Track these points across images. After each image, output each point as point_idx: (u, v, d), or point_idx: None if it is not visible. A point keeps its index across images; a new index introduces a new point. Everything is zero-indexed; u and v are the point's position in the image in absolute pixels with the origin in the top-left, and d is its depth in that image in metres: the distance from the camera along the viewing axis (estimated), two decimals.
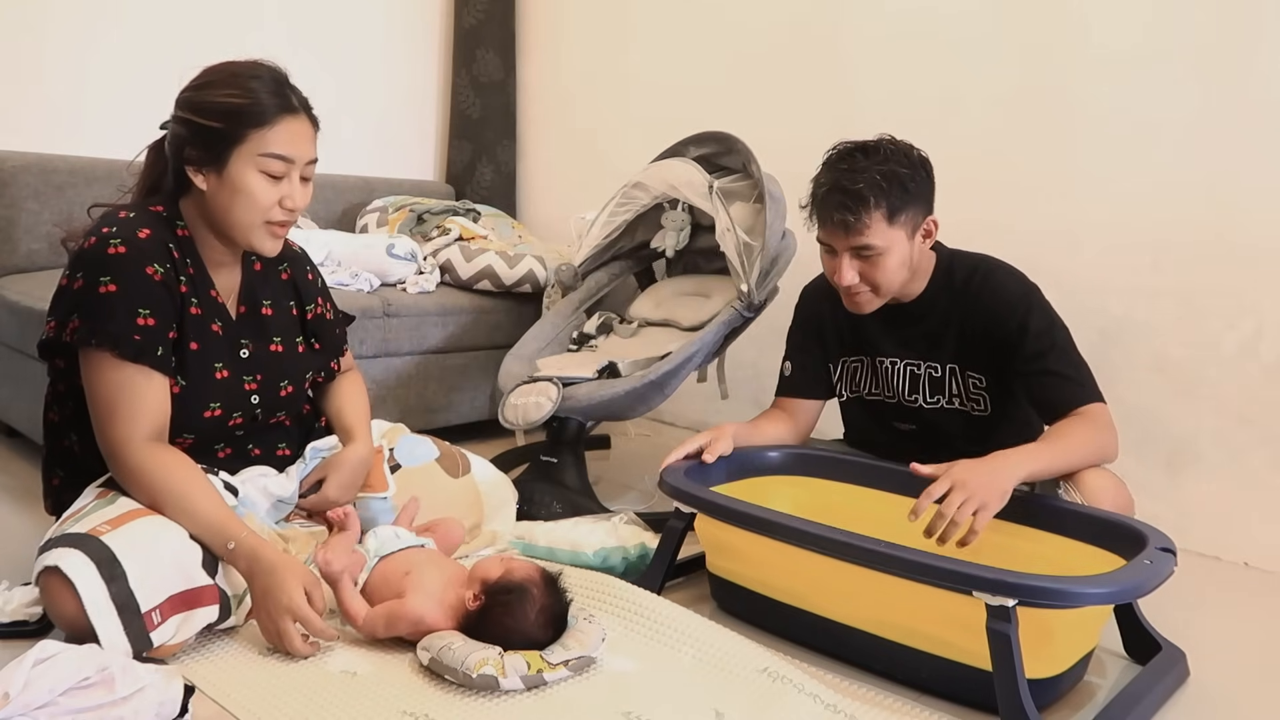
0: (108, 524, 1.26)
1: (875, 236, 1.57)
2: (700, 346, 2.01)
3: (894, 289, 1.65)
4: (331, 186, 3.00)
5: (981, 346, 1.66)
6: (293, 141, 1.36)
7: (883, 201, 1.56)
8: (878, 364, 1.77)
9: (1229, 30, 1.95)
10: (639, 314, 2.43)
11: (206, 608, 1.29)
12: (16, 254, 2.34)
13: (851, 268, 1.61)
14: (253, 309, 1.52)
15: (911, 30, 2.43)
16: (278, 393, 1.54)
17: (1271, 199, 1.92)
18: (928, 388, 1.73)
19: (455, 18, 3.38)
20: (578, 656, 1.28)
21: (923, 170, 1.62)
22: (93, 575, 1.20)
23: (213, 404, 1.43)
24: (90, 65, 2.57)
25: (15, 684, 1.03)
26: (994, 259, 1.72)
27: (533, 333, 2.34)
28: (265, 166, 1.35)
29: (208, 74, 1.38)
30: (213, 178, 1.36)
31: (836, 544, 1.33)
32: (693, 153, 2.29)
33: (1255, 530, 1.98)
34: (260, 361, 1.51)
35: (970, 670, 1.26)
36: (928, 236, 1.66)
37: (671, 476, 1.57)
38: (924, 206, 1.63)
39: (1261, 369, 1.95)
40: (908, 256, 1.63)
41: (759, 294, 2.04)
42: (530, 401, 1.98)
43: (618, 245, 2.45)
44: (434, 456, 1.79)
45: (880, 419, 1.82)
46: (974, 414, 1.71)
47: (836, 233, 1.60)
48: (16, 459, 2.23)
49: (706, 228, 2.37)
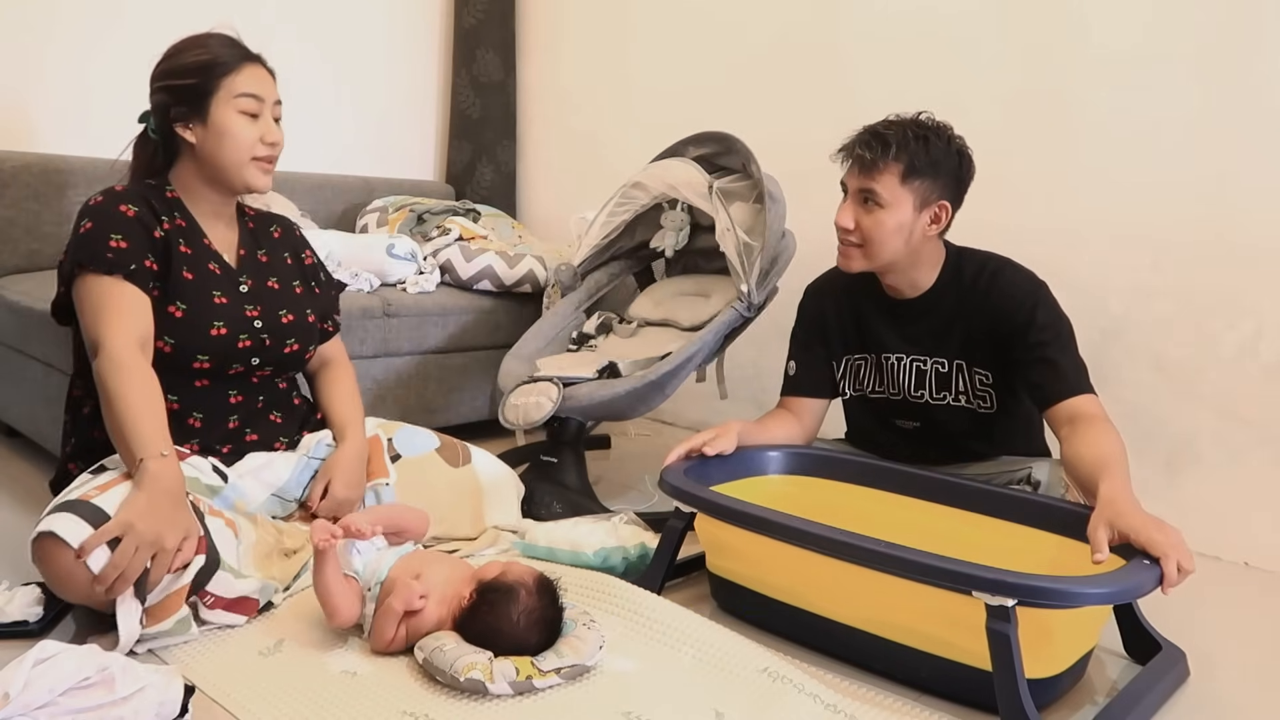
0: (96, 489, 1.31)
1: (884, 186, 1.60)
2: (700, 347, 2.01)
3: (883, 256, 1.65)
4: (331, 186, 3.00)
5: (988, 342, 1.66)
6: (258, 82, 1.55)
7: (903, 157, 1.59)
8: (883, 360, 1.77)
9: (1229, 30, 1.95)
10: (638, 314, 2.43)
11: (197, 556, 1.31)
12: (16, 254, 2.34)
13: (852, 210, 1.65)
14: (251, 254, 1.67)
15: (912, 30, 2.43)
16: (279, 319, 1.63)
17: (1272, 199, 1.92)
18: (934, 383, 1.73)
19: (455, 18, 3.39)
20: (571, 665, 1.26)
21: (956, 156, 1.63)
22: (84, 528, 1.23)
23: (216, 322, 1.54)
24: (92, 66, 2.57)
25: (15, 684, 1.03)
26: (1003, 257, 1.72)
27: (532, 332, 2.34)
28: (241, 106, 1.53)
29: (172, 49, 1.57)
30: (199, 128, 1.53)
31: (836, 544, 1.33)
32: (692, 153, 2.29)
33: (1255, 530, 1.98)
34: (259, 295, 1.63)
35: (970, 670, 1.26)
36: (935, 222, 1.64)
37: (671, 476, 1.57)
38: (942, 188, 1.63)
39: (1261, 369, 1.95)
40: (908, 227, 1.62)
41: (759, 294, 2.04)
42: (531, 401, 1.99)
43: (617, 245, 2.45)
44: (434, 446, 1.80)
45: (882, 417, 1.82)
46: (980, 411, 1.71)
47: (853, 169, 1.65)
48: (16, 459, 2.23)
49: (706, 228, 2.37)
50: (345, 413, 1.73)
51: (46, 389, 2.02)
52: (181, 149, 1.56)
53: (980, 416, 1.72)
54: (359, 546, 1.44)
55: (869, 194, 1.62)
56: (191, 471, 1.47)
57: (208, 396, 1.57)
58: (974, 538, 1.57)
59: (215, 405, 1.58)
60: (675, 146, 2.32)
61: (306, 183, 2.92)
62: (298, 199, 2.82)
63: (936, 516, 1.63)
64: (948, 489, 1.65)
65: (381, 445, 1.76)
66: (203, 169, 1.56)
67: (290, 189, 2.82)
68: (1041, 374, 1.59)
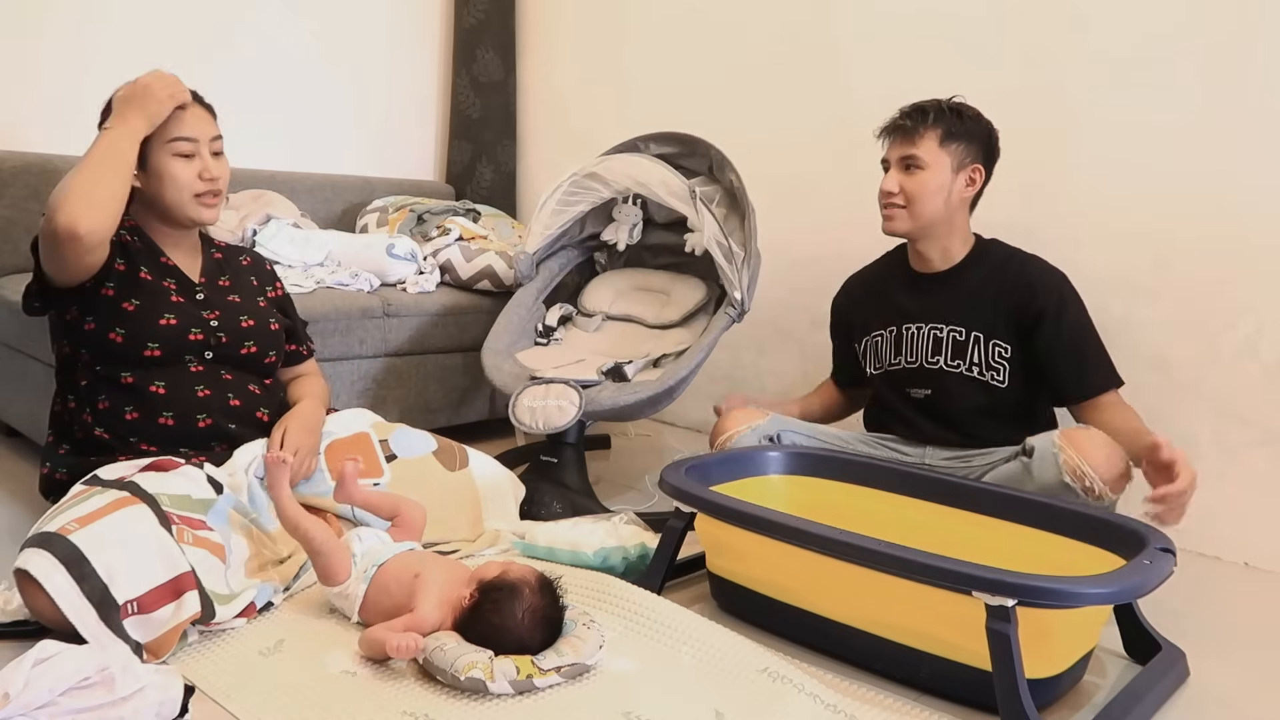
0: (76, 522, 1.28)
1: (924, 150, 1.78)
2: (705, 353, 2.06)
3: (925, 215, 1.80)
4: (331, 186, 3.00)
5: (1012, 318, 1.78)
6: (191, 124, 1.59)
7: (940, 124, 1.79)
8: (903, 331, 1.90)
9: (1229, 30, 1.95)
10: (596, 307, 2.43)
11: (189, 593, 1.30)
12: (16, 254, 2.34)
13: (895, 176, 1.81)
14: (212, 280, 1.71)
15: (911, 30, 2.43)
16: (238, 323, 1.67)
17: (1272, 198, 1.92)
18: (949, 350, 1.84)
19: (455, 18, 3.39)
20: (571, 663, 1.26)
21: (986, 127, 1.83)
22: (62, 578, 1.22)
23: (167, 314, 1.59)
24: (90, 65, 2.57)
25: (15, 684, 1.03)
26: (1031, 253, 1.86)
27: (502, 325, 2.31)
28: (177, 149, 1.58)
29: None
30: (141, 175, 1.58)
31: (836, 544, 1.33)
32: (653, 150, 2.28)
33: (1255, 530, 1.98)
34: (218, 303, 1.68)
35: (970, 670, 1.26)
36: (970, 185, 1.82)
37: (671, 476, 1.58)
38: (975, 152, 1.81)
39: (1261, 369, 1.95)
40: (947, 187, 1.79)
41: (749, 300, 2.08)
42: (551, 405, 1.96)
43: (567, 234, 2.45)
44: (431, 449, 1.80)
45: (897, 386, 1.91)
46: (991, 384, 1.80)
47: (894, 139, 1.83)
48: (16, 459, 2.23)
49: (660, 225, 2.38)
50: (302, 395, 1.78)
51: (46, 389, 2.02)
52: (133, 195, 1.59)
53: (991, 390, 1.80)
54: (360, 534, 1.47)
55: (910, 159, 1.79)
56: (184, 486, 1.46)
57: (171, 392, 1.58)
58: (974, 538, 1.57)
59: (181, 400, 1.58)
60: (633, 141, 2.31)
61: (306, 183, 2.92)
62: (298, 199, 2.82)
63: (936, 516, 1.64)
64: (948, 489, 1.65)
65: (373, 443, 1.76)
66: (152, 208, 1.63)
67: (290, 189, 2.82)
68: (1079, 367, 1.75)
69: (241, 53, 2.86)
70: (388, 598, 1.37)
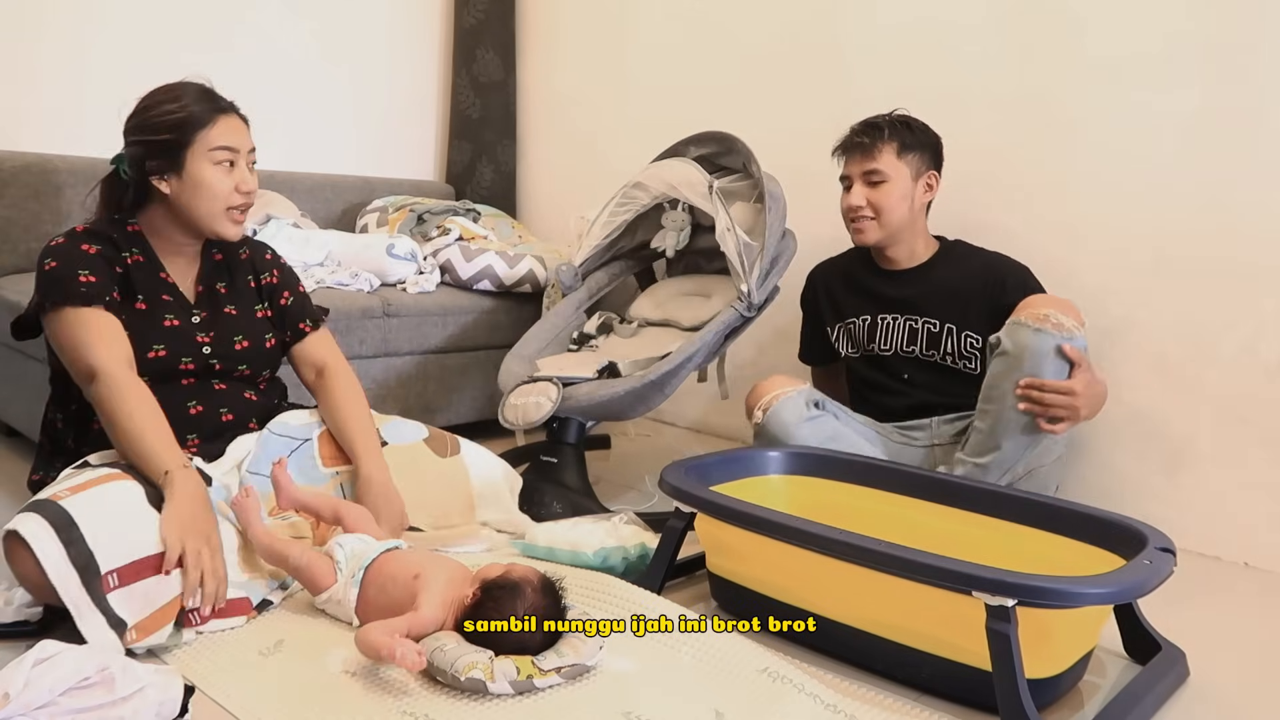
0: (69, 490, 1.30)
1: (884, 163, 1.93)
2: (700, 346, 2.01)
3: (893, 222, 1.95)
4: (331, 186, 3.00)
5: (985, 310, 1.90)
6: (232, 134, 1.57)
7: (895, 137, 1.93)
8: (878, 320, 2.04)
9: (1229, 31, 1.95)
10: (639, 314, 2.42)
11: (176, 570, 1.30)
12: (16, 254, 2.34)
13: (860, 192, 1.95)
14: (209, 289, 1.68)
15: (911, 31, 2.43)
16: (232, 345, 1.65)
17: (1272, 199, 1.92)
18: (924, 341, 1.98)
19: (455, 18, 3.39)
20: (571, 664, 1.26)
21: (934, 136, 1.99)
22: (50, 538, 1.23)
23: (157, 346, 1.55)
24: (89, 66, 2.57)
25: (15, 684, 1.03)
26: (994, 250, 2.01)
27: (533, 333, 2.34)
28: (217, 159, 1.56)
29: (145, 100, 1.57)
30: (174, 180, 1.55)
31: (836, 544, 1.33)
32: (693, 152, 2.29)
33: (1255, 530, 1.98)
34: (213, 324, 1.65)
35: (970, 670, 1.26)
36: (929, 190, 1.98)
37: (671, 476, 1.58)
38: (928, 160, 1.97)
39: (1261, 369, 1.95)
40: (909, 195, 1.95)
41: (759, 294, 2.04)
42: (530, 401, 1.98)
43: (618, 245, 2.45)
44: (422, 436, 1.80)
45: (874, 370, 2.05)
46: (965, 372, 1.95)
47: (854, 157, 1.96)
48: (16, 459, 2.23)
49: (707, 228, 2.36)
50: (352, 437, 1.68)
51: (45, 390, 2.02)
52: (154, 195, 1.58)
53: (965, 378, 1.94)
54: (341, 540, 1.46)
55: (872, 173, 1.93)
56: None
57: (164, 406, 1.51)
58: (974, 538, 1.57)
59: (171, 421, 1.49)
60: (676, 146, 2.32)
61: (306, 183, 2.92)
62: (298, 199, 2.82)
63: (936, 516, 1.64)
64: (948, 489, 1.65)
65: None
66: (176, 216, 1.59)
67: (290, 189, 2.82)
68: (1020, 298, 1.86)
69: (241, 53, 2.86)
70: (386, 597, 1.36)
